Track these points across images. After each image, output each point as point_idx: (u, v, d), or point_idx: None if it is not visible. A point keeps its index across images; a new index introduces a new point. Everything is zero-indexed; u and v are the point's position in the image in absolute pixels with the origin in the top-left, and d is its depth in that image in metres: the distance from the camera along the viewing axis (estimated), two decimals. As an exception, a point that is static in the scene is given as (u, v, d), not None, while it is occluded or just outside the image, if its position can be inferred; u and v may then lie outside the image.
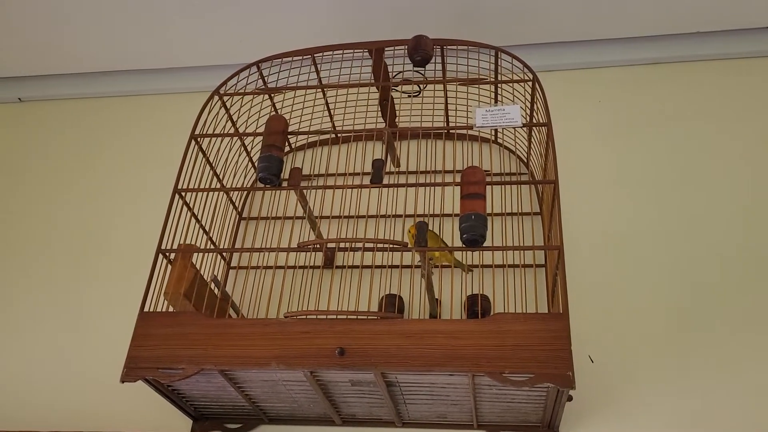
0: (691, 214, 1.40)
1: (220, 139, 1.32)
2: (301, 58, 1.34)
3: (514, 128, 1.34)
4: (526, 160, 1.47)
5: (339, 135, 1.54)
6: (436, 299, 1.24)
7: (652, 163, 1.48)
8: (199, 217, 1.27)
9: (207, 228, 1.29)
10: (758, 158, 1.46)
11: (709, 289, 1.30)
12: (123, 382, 1.03)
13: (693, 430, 1.16)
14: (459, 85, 1.32)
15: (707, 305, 1.28)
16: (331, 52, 1.34)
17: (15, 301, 1.50)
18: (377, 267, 1.32)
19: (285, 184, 1.25)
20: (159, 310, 1.11)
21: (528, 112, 1.31)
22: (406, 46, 1.28)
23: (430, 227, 1.18)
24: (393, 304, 1.24)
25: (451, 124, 1.48)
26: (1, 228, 1.64)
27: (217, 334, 1.04)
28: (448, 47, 1.31)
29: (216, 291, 1.22)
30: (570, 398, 1.04)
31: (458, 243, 1.08)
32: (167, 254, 1.16)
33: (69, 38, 1.72)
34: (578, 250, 1.34)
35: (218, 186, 1.35)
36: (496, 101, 1.36)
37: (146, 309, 1.10)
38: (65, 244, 1.58)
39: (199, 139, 1.27)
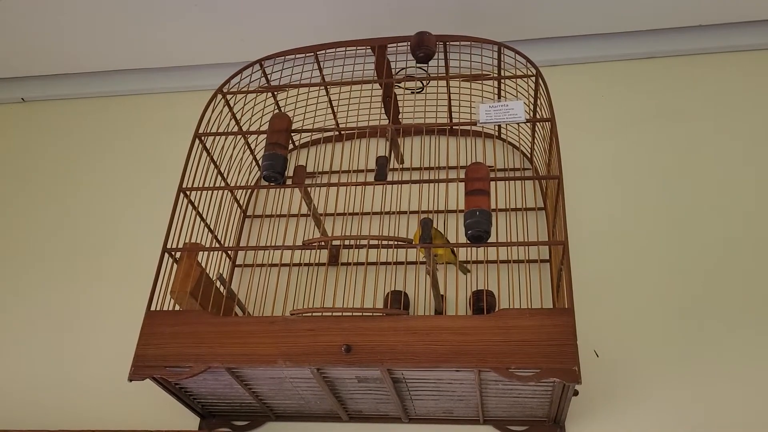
0: (696, 208, 1.40)
1: (223, 137, 1.32)
2: (303, 55, 1.34)
3: (517, 124, 1.35)
4: (530, 156, 1.47)
5: (342, 132, 1.55)
6: (441, 295, 1.25)
7: (657, 158, 1.48)
8: (204, 216, 1.27)
9: (212, 226, 1.30)
10: (761, 150, 1.46)
11: (713, 282, 1.30)
12: (131, 380, 1.04)
13: (699, 424, 1.16)
14: (462, 81, 1.32)
15: (711, 299, 1.28)
16: (333, 50, 1.34)
17: (22, 301, 1.51)
18: (382, 264, 1.33)
19: (289, 181, 1.25)
20: (165, 308, 1.12)
21: (531, 107, 1.31)
22: (409, 43, 1.28)
23: (435, 224, 1.18)
24: (398, 301, 1.24)
25: (454, 121, 1.48)
26: (6, 228, 1.65)
27: (224, 332, 1.05)
28: (451, 43, 1.31)
29: (222, 289, 1.23)
30: (576, 393, 1.04)
31: (463, 239, 1.08)
32: (173, 253, 1.16)
33: (71, 38, 1.72)
34: (582, 245, 1.34)
35: (222, 184, 1.35)
36: (499, 97, 1.36)
37: (153, 308, 1.10)
38: (70, 243, 1.58)
39: (203, 137, 1.27)
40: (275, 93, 1.40)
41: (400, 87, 1.50)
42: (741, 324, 1.25)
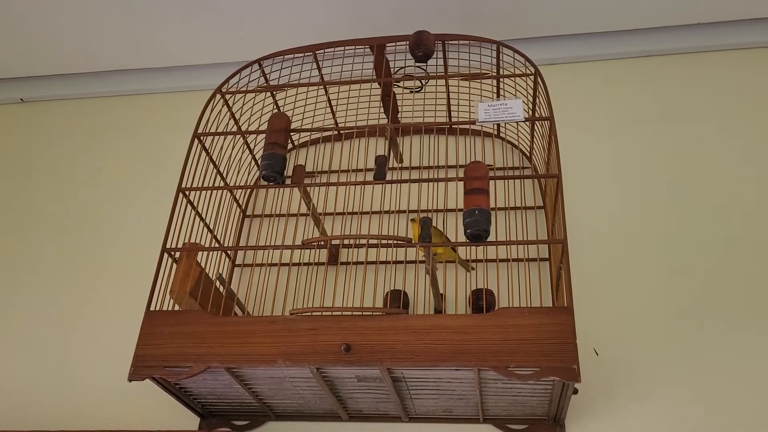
0: (696, 208, 1.40)
1: (223, 137, 1.32)
2: (302, 55, 1.34)
3: (516, 123, 1.34)
4: (528, 154, 1.47)
5: (341, 132, 1.55)
6: (441, 294, 1.25)
7: (656, 156, 1.48)
8: (204, 216, 1.27)
9: (211, 226, 1.30)
10: (761, 150, 1.46)
11: (713, 282, 1.30)
12: (130, 380, 1.04)
13: (699, 424, 1.16)
14: (461, 80, 1.32)
15: (711, 299, 1.28)
16: (332, 49, 1.34)
17: (21, 301, 1.51)
18: (381, 263, 1.33)
19: (288, 181, 1.25)
20: (165, 308, 1.12)
21: (530, 106, 1.31)
22: (408, 42, 1.28)
23: (434, 223, 1.18)
24: (398, 300, 1.24)
25: (453, 119, 1.48)
26: (5, 228, 1.65)
27: (224, 332, 1.05)
28: (450, 42, 1.31)
29: (221, 289, 1.23)
30: (575, 391, 1.04)
31: (462, 238, 1.08)
32: (172, 253, 1.16)
33: (71, 38, 1.72)
34: (582, 245, 1.34)
35: (222, 184, 1.35)
36: (498, 96, 1.36)
37: (152, 308, 1.10)
38: (70, 243, 1.58)
39: (202, 137, 1.27)
40: (274, 92, 1.40)
41: (399, 86, 1.50)
42: (741, 324, 1.25)
